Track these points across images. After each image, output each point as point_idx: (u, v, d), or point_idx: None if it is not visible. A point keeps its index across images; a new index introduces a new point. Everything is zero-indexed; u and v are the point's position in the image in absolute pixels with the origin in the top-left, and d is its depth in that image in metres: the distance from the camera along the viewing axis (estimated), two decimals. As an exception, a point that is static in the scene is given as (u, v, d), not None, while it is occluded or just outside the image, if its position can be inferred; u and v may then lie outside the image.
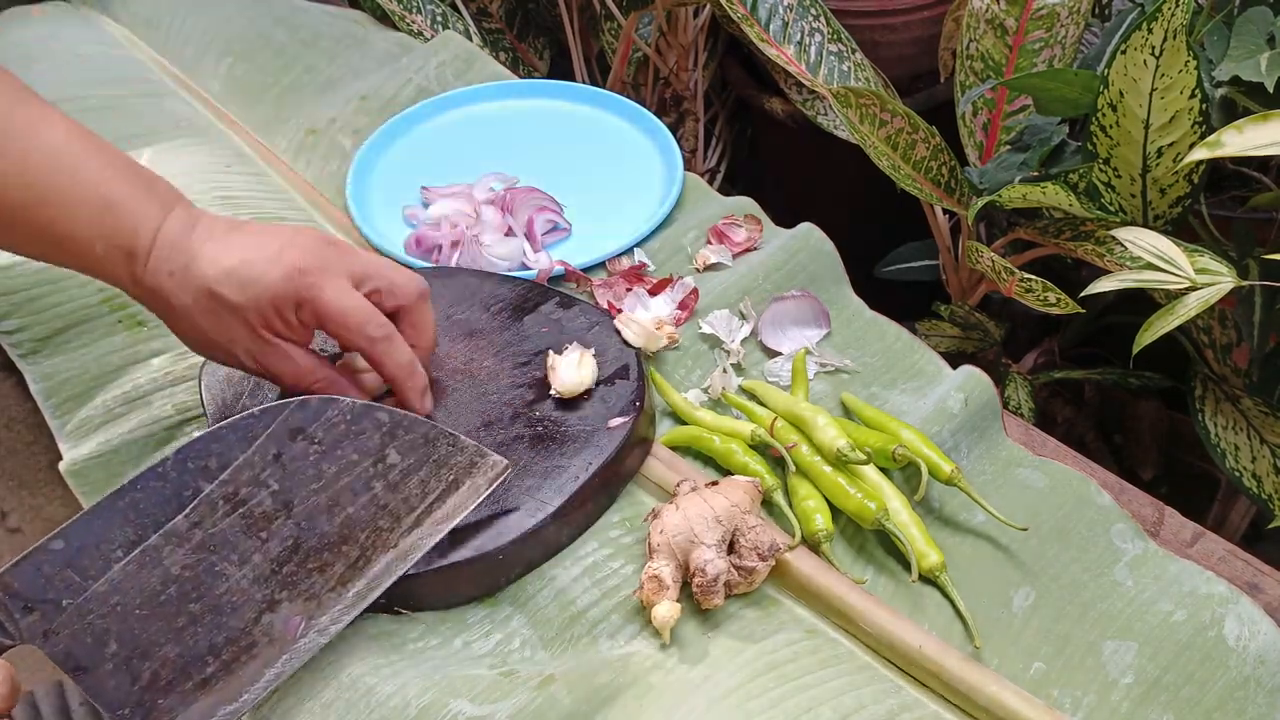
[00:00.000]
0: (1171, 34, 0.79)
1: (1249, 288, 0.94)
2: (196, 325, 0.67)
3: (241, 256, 0.66)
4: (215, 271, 0.65)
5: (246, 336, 0.67)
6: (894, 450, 0.69)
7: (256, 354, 0.67)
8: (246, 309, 0.66)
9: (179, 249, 0.66)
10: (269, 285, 0.66)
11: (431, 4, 1.30)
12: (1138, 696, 0.62)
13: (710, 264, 0.88)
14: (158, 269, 0.66)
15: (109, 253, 0.65)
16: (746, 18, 1.13)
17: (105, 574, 0.51)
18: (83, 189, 0.65)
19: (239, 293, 0.65)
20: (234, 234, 0.68)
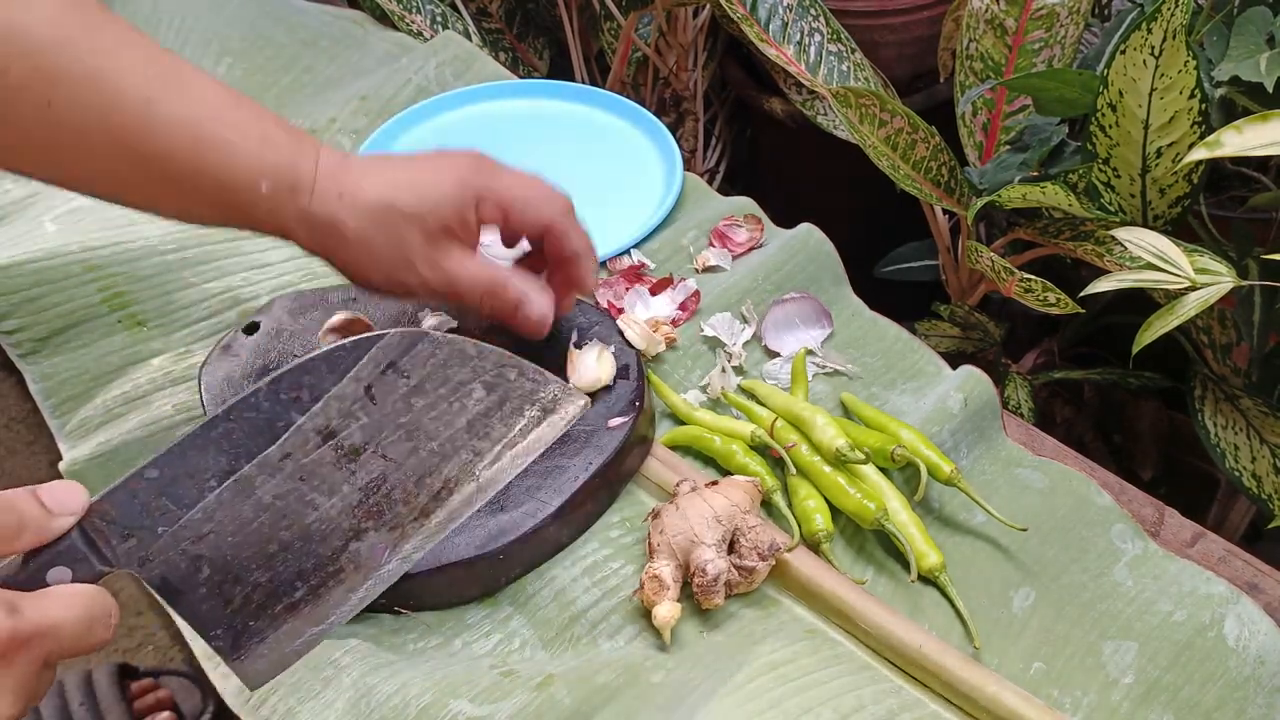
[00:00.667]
0: (1171, 34, 0.79)
1: (1249, 288, 0.94)
2: (372, 245, 0.66)
3: (411, 171, 0.67)
4: (389, 186, 0.66)
5: (424, 245, 0.67)
6: (893, 451, 0.69)
7: (438, 261, 0.67)
8: (426, 216, 0.66)
9: (343, 175, 0.66)
10: (447, 189, 0.67)
11: (431, 4, 1.30)
12: (1138, 696, 0.62)
13: (710, 265, 0.88)
14: (326, 195, 0.65)
15: (275, 189, 0.65)
16: (746, 18, 1.13)
17: (199, 502, 0.52)
18: (242, 131, 0.65)
19: (418, 200, 0.66)
20: (391, 159, 0.69)
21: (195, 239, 0.88)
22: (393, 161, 0.69)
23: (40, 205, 0.92)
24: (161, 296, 0.86)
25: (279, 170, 0.65)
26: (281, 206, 0.65)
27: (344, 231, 0.66)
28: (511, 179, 0.69)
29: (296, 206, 0.65)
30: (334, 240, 0.67)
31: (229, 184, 0.64)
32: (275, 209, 0.65)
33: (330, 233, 0.66)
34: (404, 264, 0.67)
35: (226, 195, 0.65)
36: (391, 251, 0.67)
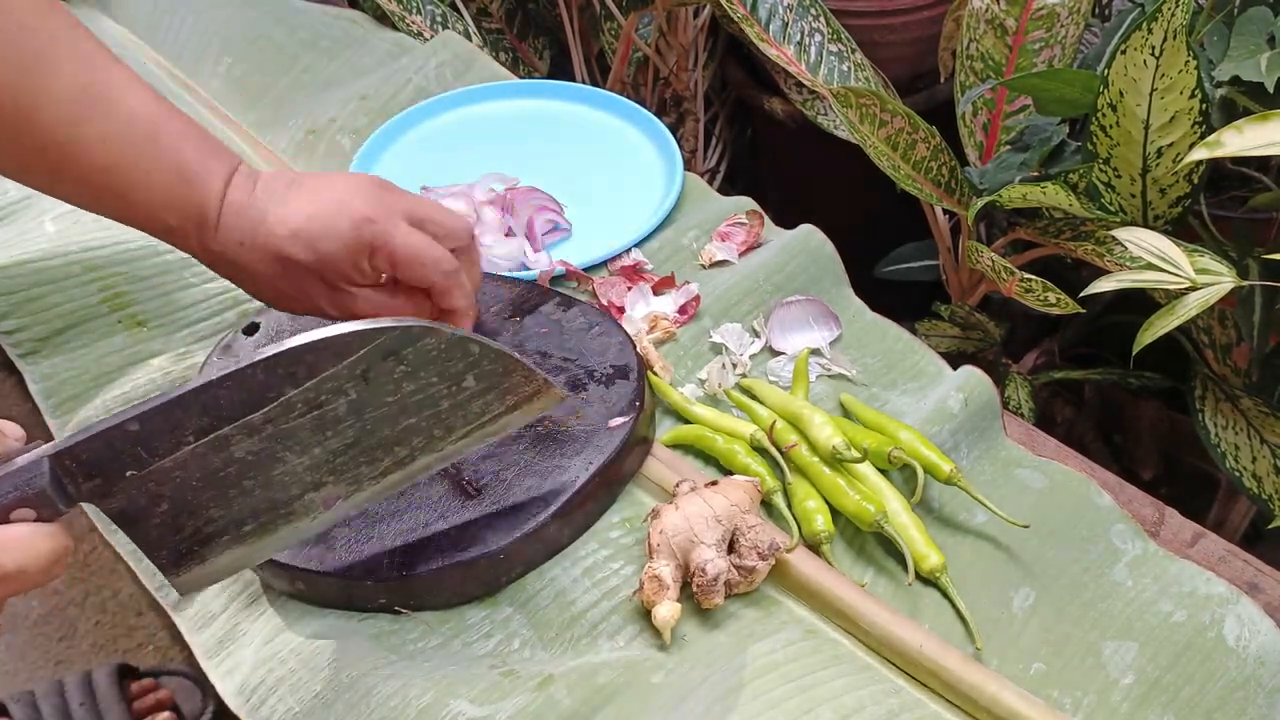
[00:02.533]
0: (1171, 34, 0.79)
1: (1249, 288, 0.94)
2: (274, 287, 0.69)
3: (307, 215, 0.67)
4: (283, 234, 0.66)
5: (324, 292, 0.69)
6: (890, 452, 0.69)
7: (340, 300, 0.69)
8: (320, 266, 0.67)
9: (245, 215, 0.67)
10: (339, 240, 0.67)
11: (431, 4, 1.30)
12: (1138, 697, 0.62)
13: (716, 260, 0.88)
14: (227, 238, 0.67)
15: (182, 224, 0.67)
16: (746, 18, 1.13)
17: (173, 454, 0.54)
18: (160, 158, 0.66)
19: (309, 252, 0.67)
20: (293, 191, 0.68)
21: (195, 239, 0.88)
22: (296, 197, 0.68)
23: (40, 205, 0.92)
24: (161, 296, 0.86)
25: (189, 206, 0.66)
26: (188, 239, 0.68)
27: (245, 271, 0.68)
28: (404, 237, 0.68)
29: (200, 240, 0.68)
30: (239, 276, 0.69)
31: (139, 212, 0.67)
32: (183, 241, 0.68)
33: (232, 269, 0.69)
34: (309, 302, 0.70)
35: (140, 215, 0.67)
36: (295, 293, 0.69)
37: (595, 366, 0.75)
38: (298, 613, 0.67)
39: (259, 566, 0.67)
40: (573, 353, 0.76)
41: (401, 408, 0.59)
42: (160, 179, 0.66)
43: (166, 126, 0.66)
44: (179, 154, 0.66)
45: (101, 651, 1.43)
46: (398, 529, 0.66)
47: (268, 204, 0.67)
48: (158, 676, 1.23)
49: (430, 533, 0.66)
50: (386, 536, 0.66)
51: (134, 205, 0.66)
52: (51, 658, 1.42)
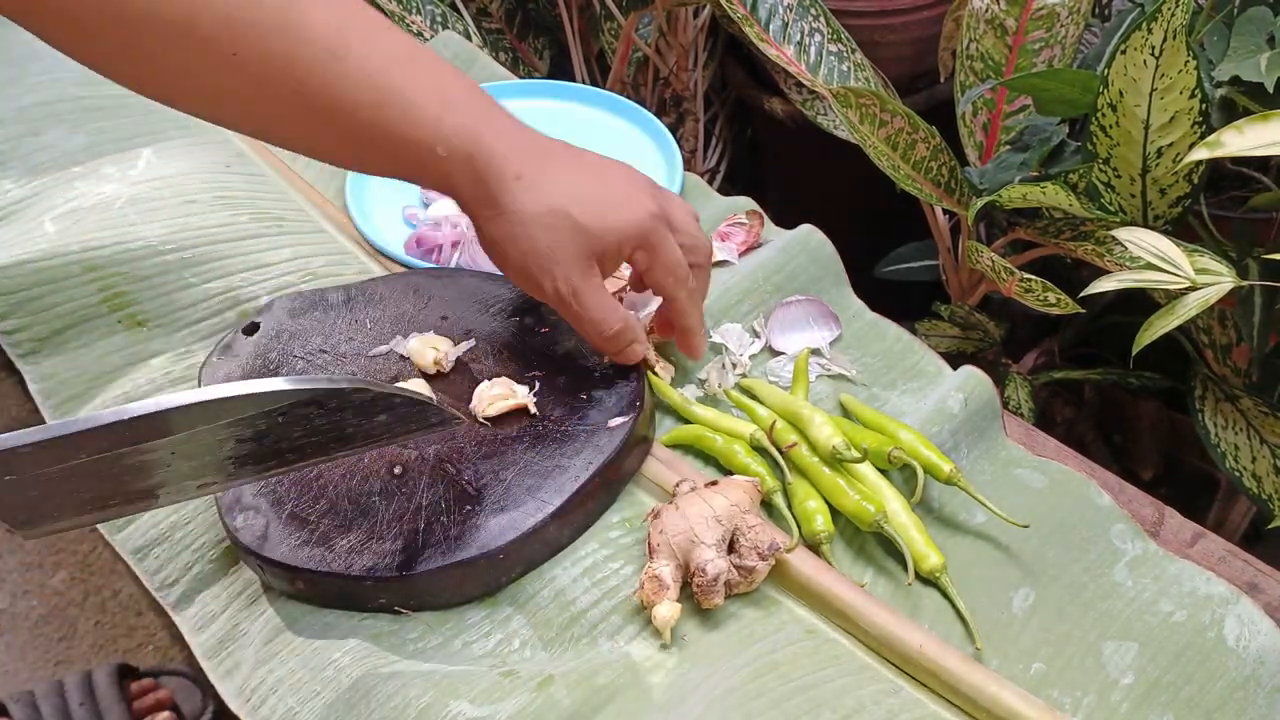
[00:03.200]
0: (1171, 34, 0.79)
1: (1249, 288, 0.94)
2: (530, 236, 0.66)
3: (596, 183, 0.67)
4: (571, 191, 0.66)
5: (577, 261, 0.67)
6: (890, 452, 0.69)
7: (576, 282, 0.67)
8: (594, 237, 0.66)
9: (525, 156, 0.66)
10: (625, 220, 0.66)
11: (431, 4, 1.30)
12: (1138, 697, 0.62)
13: (716, 260, 0.88)
14: (502, 172, 0.65)
15: (452, 153, 0.65)
16: (746, 18, 1.13)
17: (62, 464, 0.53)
18: (423, 89, 0.64)
19: (595, 219, 0.66)
20: (577, 157, 0.68)
21: (195, 239, 0.89)
22: (582, 164, 0.68)
23: (40, 205, 0.92)
24: (161, 296, 0.86)
25: (458, 135, 0.64)
26: (455, 171, 0.65)
27: (508, 210, 0.66)
28: (671, 245, 0.69)
29: (471, 172, 0.65)
30: (494, 213, 0.66)
31: (407, 144, 0.65)
32: (450, 172, 0.66)
33: (493, 206, 0.66)
34: (546, 269, 0.67)
35: (403, 154, 0.65)
36: (543, 252, 0.66)
37: (595, 366, 0.75)
38: (298, 613, 0.67)
39: (259, 566, 0.67)
40: (573, 353, 0.76)
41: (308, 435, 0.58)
42: (427, 111, 0.64)
43: (427, 58, 0.65)
44: (444, 86, 0.65)
45: (101, 651, 1.43)
46: (398, 529, 0.66)
47: (551, 157, 0.67)
48: (158, 676, 1.23)
49: (430, 533, 0.66)
50: (386, 536, 0.66)
51: (401, 142, 0.64)
52: (51, 658, 1.42)
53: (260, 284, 0.87)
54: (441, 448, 0.71)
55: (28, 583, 1.50)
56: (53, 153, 0.98)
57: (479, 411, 0.72)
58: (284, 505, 0.68)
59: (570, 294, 0.68)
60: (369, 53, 0.63)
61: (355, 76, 0.63)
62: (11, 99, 1.04)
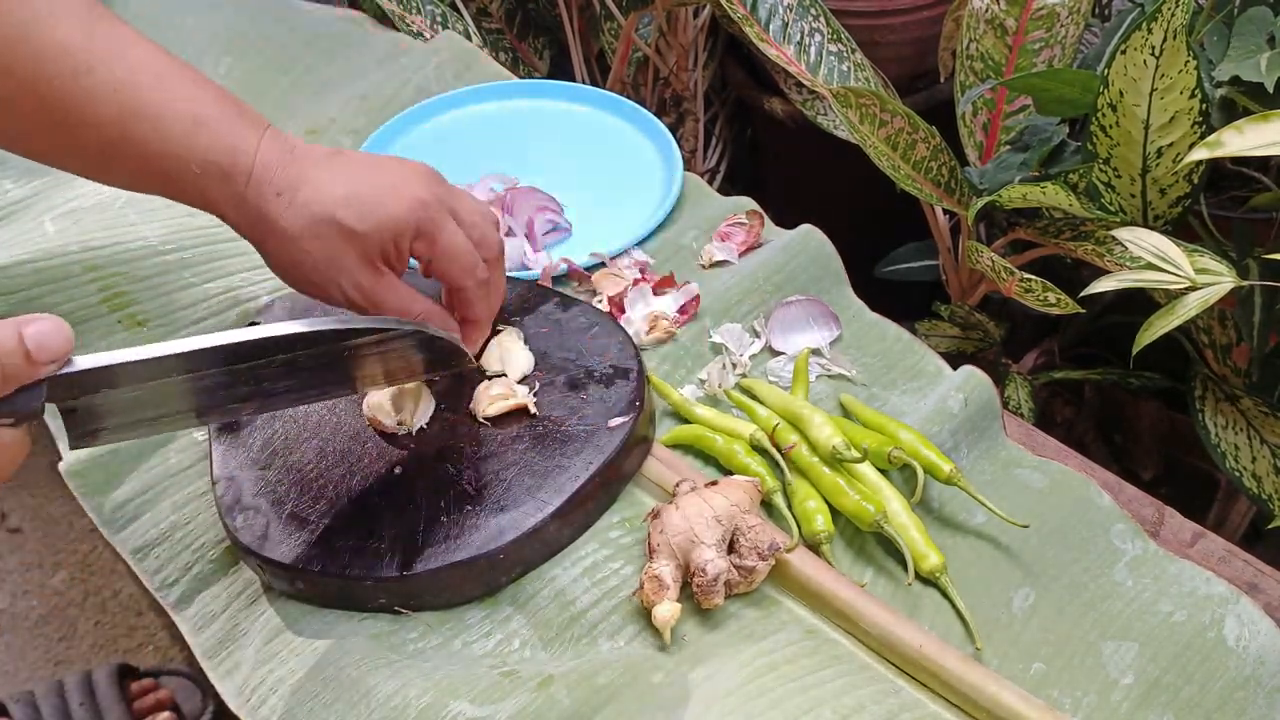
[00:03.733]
0: (1171, 34, 0.79)
1: (1249, 288, 0.94)
2: (303, 251, 0.65)
3: (359, 183, 0.65)
4: (333, 197, 0.64)
5: (357, 266, 0.66)
6: (890, 452, 0.69)
7: (365, 285, 0.66)
8: (366, 237, 0.65)
9: (284, 171, 0.64)
10: (393, 214, 0.65)
11: (431, 4, 1.30)
12: (1138, 697, 0.62)
13: (716, 260, 0.88)
14: (261, 190, 0.64)
15: (206, 171, 0.63)
16: (746, 18, 1.13)
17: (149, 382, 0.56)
18: (174, 104, 0.63)
19: (360, 220, 0.64)
20: (339, 160, 0.66)
21: (195, 239, 0.89)
22: (344, 166, 0.66)
23: (40, 205, 0.92)
24: (161, 296, 0.86)
25: (211, 155, 0.63)
26: (213, 189, 0.64)
27: (275, 229, 0.64)
28: (451, 232, 0.68)
29: (230, 191, 0.64)
30: (263, 233, 0.65)
31: (159, 160, 0.63)
32: (205, 190, 0.64)
33: (260, 228, 0.65)
34: (331, 278, 0.66)
35: (156, 170, 0.64)
36: (321, 262, 0.65)
37: (595, 366, 0.75)
38: (298, 613, 0.67)
39: (259, 566, 0.67)
40: (573, 353, 0.76)
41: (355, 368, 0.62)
42: (177, 127, 0.63)
43: (177, 78, 0.64)
44: (194, 103, 0.63)
45: (101, 651, 1.43)
46: (398, 529, 0.66)
47: (312, 166, 0.65)
48: (158, 676, 1.23)
49: (430, 533, 0.66)
50: (386, 536, 0.66)
51: (153, 158, 0.63)
52: (51, 658, 1.42)
53: (260, 284, 0.87)
54: (442, 448, 0.71)
55: (28, 583, 1.50)
56: (53, 153, 0.98)
57: (479, 411, 0.72)
58: (284, 505, 0.68)
59: (363, 298, 0.67)
60: (115, 67, 0.62)
61: (100, 91, 0.62)
62: (11, 99, 1.04)
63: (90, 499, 0.75)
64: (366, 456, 0.71)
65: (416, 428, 0.72)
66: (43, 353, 0.50)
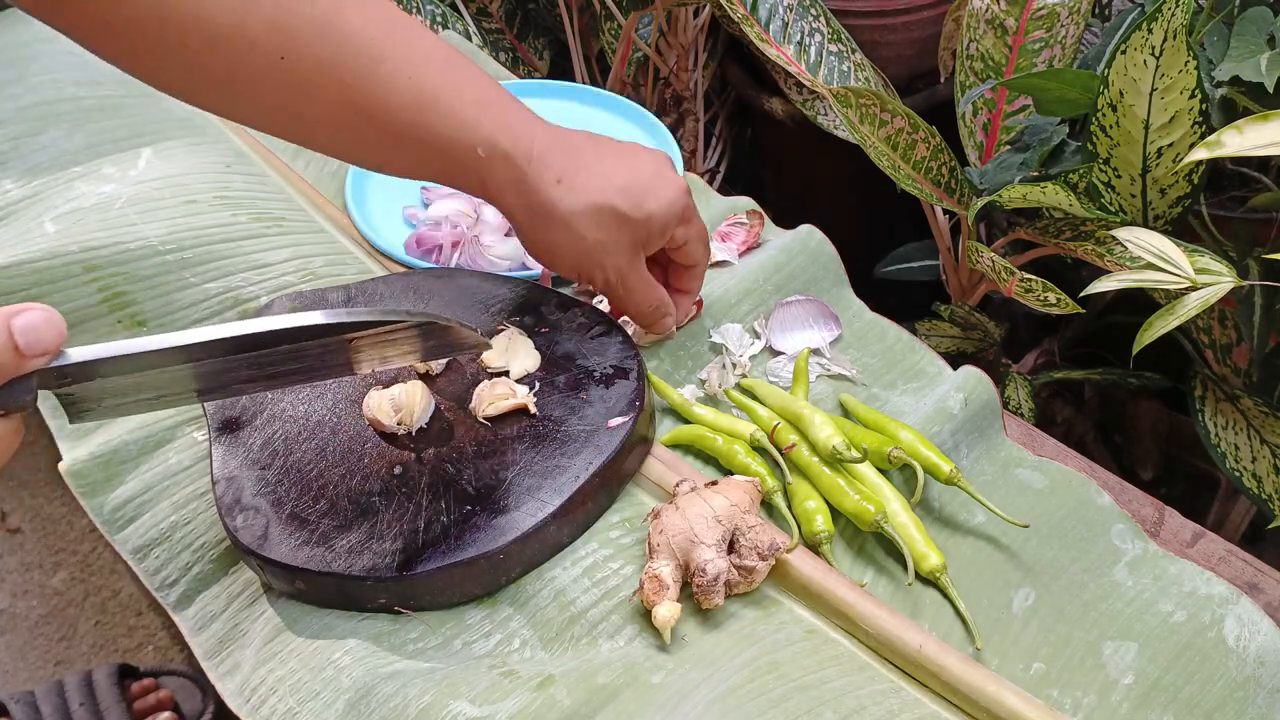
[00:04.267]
0: (1171, 34, 0.79)
1: (1249, 288, 0.94)
2: (580, 236, 0.69)
3: (632, 173, 0.70)
4: (613, 186, 0.68)
5: (625, 250, 0.71)
6: (890, 452, 0.69)
7: (625, 268, 0.71)
8: (640, 224, 0.69)
9: (562, 156, 0.68)
10: (666, 204, 0.70)
11: (431, 4, 1.30)
12: (1138, 697, 0.62)
13: (716, 260, 0.88)
14: (542, 174, 0.67)
15: (491, 154, 0.66)
16: (746, 18, 1.13)
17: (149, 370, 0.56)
18: (461, 91, 0.66)
19: (636, 209, 0.69)
20: (605, 147, 0.71)
21: (195, 239, 0.89)
22: (613, 155, 0.71)
23: (40, 205, 0.92)
24: (161, 296, 0.86)
25: (496, 138, 0.66)
26: (495, 172, 0.67)
27: (555, 212, 0.68)
28: (699, 219, 0.75)
29: (511, 175, 0.67)
30: (542, 216, 0.69)
31: (448, 146, 0.66)
32: (488, 174, 0.68)
33: (541, 210, 0.68)
34: (599, 261, 0.71)
35: (444, 156, 0.67)
36: (594, 246, 0.70)
37: (595, 366, 0.75)
38: (298, 613, 0.67)
39: (259, 566, 0.67)
40: (572, 353, 0.76)
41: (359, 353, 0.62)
42: (465, 113, 0.66)
43: (462, 63, 0.67)
44: (480, 89, 0.67)
45: (101, 651, 1.43)
46: (397, 529, 0.66)
47: (585, 154, 0.69)
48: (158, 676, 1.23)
49: (430, 533, 0.66)
50: (386, 536, 0.66)
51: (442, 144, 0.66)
52: (51, 658, 1.42)
53: (260, 284, 0.87)
54: (442, 448, 0.71)
55: (28, 583, 1.50)
56: (53, 153, 0.98)
57: (479, 411, 0.72)
58: (284, 505, 0.68)
59: (619, 281, 0.72)
60: (407, 56, 0.65)
61: (395, 79, 0.64)
62: (11, 99, 1.04)
63: (90, 499, 0.75)
64: (366, 456, 0.71)
65: (416, 428, 0.72)
66: (33, 347, 0.50)
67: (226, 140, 1.03)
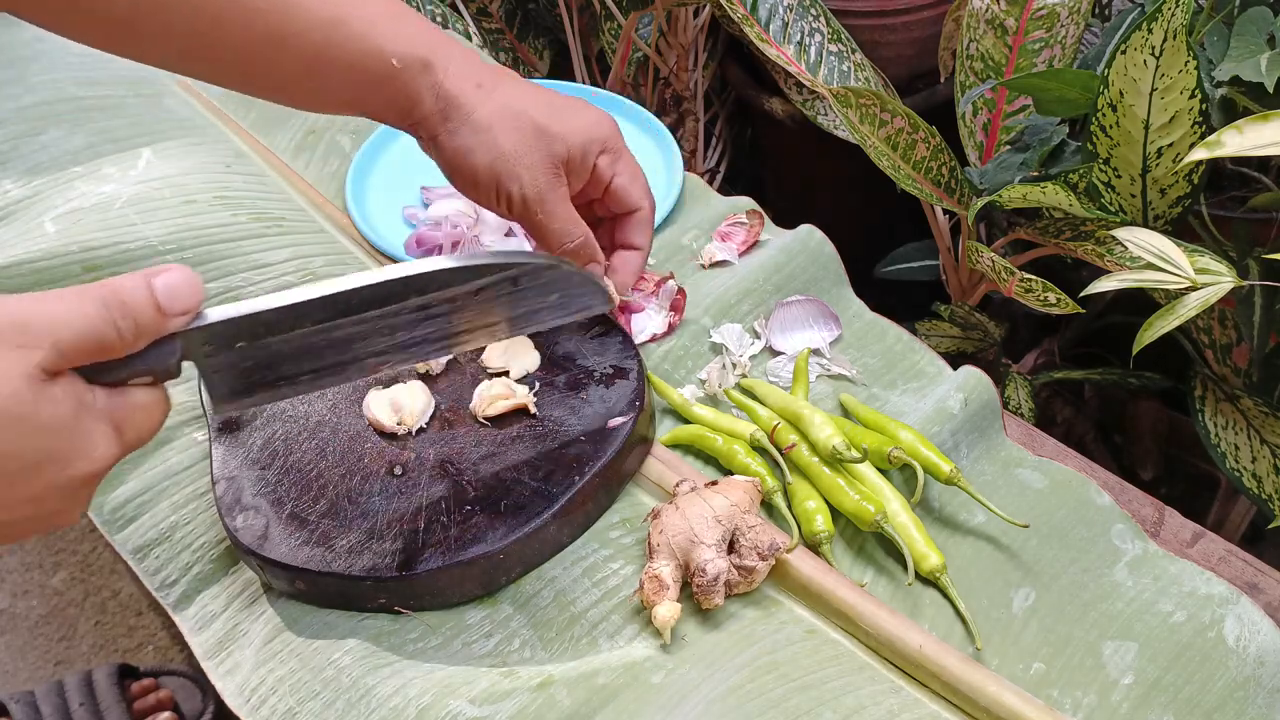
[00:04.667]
0: (1171, 34, 0.79)
1: (1249, 288, 0.94)
2: (495, 142, 0.67)
3: (554, 95, 0.69)
4: (532, 98, 0.67)
5: (542, 164, 0.68)
6: (890, 452, 0.69)
7: (542, 185, 0.68)
8: (558, 138, 0.67)
9: (481, 69, 0.67)
10: (583, 124, 0.68)
11: (431, 4, 1.30)
12: (1138, 697, 0.62)
13: (716, 260, 0.88)
14: (462, 81, 0.66)
15: (407, 64, 0.65)
16: (746, 18, 1.13)
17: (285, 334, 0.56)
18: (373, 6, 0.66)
19: (555, 121, 0.67)
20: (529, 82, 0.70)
21: (195, 239, 0.89)
22: (530, 84, 0.70)
23: (40, 205, 0.92)
24: (161, 296, 0.86)
25: (413, 47, 0.66)
26: (411, 81, 0.66)
27: (471, 117, 0.67)
28: (631, 157, 0.72)
29: (429, 81, 0.66)
30: (454, 125, 0.67)
31: (361, 60, 0.65)
32: (406, 84, 0.66)
33: (455, 116, 0.67)
34: (514, 173, 0.68)
35: (358, 72, 0.66)
36: (510, 154, 0.67)
37: (595, 366, 0.75)
38: (298, 613, 0.67)
39: (259, 567, 0.67)
40: (572, 352, 0.76)
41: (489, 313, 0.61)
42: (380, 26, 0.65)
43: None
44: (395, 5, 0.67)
45: (101, 651, 1.43)
46: (397, 529, 0.66)
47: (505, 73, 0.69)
48: (158, 676, 1.23)
49: (430, 533, 0.66)
50: (386, 536, 0.66)
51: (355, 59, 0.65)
52: (51, 658, 1.42)
53: (260, 284, 0.87)
54: (442, 448, 0.71)
55: (28, 583, 1.50)
56: (53, 153, 0.98)
57: (479, 411, 0.72)
58: (284, 505, 0.68)
59: (537, 199, 0.68)
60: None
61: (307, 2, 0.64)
62: (11, 99, 1.04)
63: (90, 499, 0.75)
64: (366, 456, 0.71)
65: (416, 428, 0.72)
66: (174, 304, 0.50)
67: (226, 140, 1.03)
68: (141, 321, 0.49)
